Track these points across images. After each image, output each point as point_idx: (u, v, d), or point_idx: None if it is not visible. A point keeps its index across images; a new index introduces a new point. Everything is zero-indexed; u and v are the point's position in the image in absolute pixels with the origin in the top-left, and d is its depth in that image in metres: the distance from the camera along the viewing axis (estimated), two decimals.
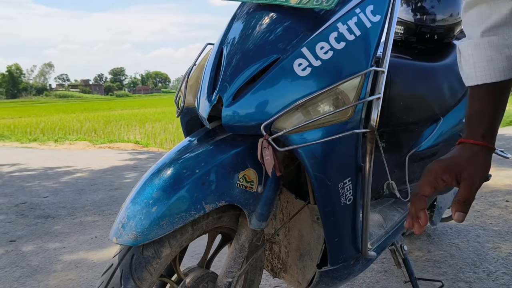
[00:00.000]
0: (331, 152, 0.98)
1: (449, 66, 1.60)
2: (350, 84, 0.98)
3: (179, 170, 0.92)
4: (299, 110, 0.95)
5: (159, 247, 0.89)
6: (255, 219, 1.00)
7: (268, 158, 0.93)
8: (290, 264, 1.26)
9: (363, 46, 1.00)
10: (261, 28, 1.04)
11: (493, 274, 1.74)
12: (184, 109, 1.17)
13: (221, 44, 1.11)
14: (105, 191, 3.41)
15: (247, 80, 0.98)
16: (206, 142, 1.03)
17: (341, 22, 0.99)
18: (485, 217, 2.42)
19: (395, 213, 1.48)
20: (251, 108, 0.96)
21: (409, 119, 1.49)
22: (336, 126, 0.97)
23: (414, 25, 1.69)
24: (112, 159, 5.19)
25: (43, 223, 2.64)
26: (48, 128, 12.34)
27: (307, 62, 0.96)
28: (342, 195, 1.03)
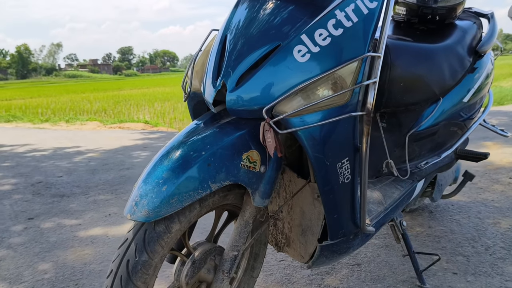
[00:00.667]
0: (329, 134, 1.04)
1: (450, 47, 1.63)
2: (347, 69, 1.03)
3: (186, 152, 0.99)
4: (299, 94, 1.01)
5: (170, 223, 0.97)
6: (259, 197, 1.08)
7: (270, 140, 1.00)
8: (293, 239, 1.34)
9: (360, 32, 1.05)
10: (262, 15, 1.09)
11: (490, 248, 1.81)
12: (191, 93, 1.23)
13: (225, 31, 1.16)
14: (117, 171, 3.51)
15: (249, 66, 1.04)
16: (212, 125, 1.10)
17: (339, 9, 1.04)
18: (487, 194, 2.47)
19: (395, 190, 1.54)
20: (254, 93, 1.02)
21: (409, 100, 1.53)
22: (334, 109, 1.03)
23: (416, 6, 1.72)
24: (123, 139, 5.29)
25: (59, 202, 2.75)
26: (59, 108, 12.48)
27: (306, 49, 1.01)
28: (341, 174, 1.10)
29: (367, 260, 1.77)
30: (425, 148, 1.66)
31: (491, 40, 1.79)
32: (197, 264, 1.10)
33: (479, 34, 1.82)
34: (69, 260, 1.89)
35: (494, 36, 1.83)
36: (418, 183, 1.60)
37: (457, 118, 1.69)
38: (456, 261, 1.72)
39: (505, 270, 1.63)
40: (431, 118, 1.61)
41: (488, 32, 1.82)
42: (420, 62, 1.53)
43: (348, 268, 1.71)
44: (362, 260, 1.78)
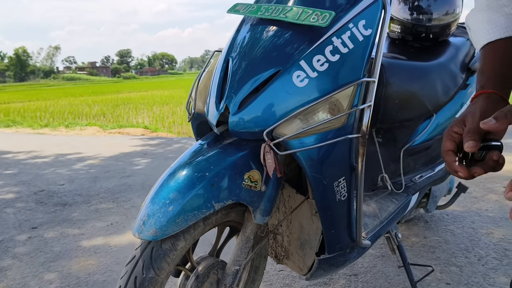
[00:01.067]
0: (326, 155, 1.09)
1: (443, 65, 1.69)
2: (344, 93, 1.08)
3: (191, 173, 1.04)
4: (298, 117, 1.06)
5: (175, 240, 1.02)
6: (259, 214, 1.13)
7: (269, 161, 1.05)
8: (292, 252, 1.39)
9: (356, 58, 1.10)
10: (263, 41, 1.15)
11: (483, 258, 1.87)
12: (195, 114, 1.29)
13: (227, 55, 1.21)
14: (118, 178, 3.56)
15: (251, 91, 1.09)
16: (215, 146, 1.15)
17: (336, 36, 1.09)
18: (482, 203, 2.53)
19: (390, 203, 1.60)
20: (255, 116, 1.08)
21: (403, 116, 1.59)
22: (331, 131, 1.08)
23: (411, 24, 1.78)
24: (123, 145, 5.34)
25: (61, 211, 2.80)
26: (58, 112, 12.54)
27: (305, 74, 1.07)
28: (337, 192, 1.15)
29: (364, 271, 1.83)
30: (419, 162, 1.72)
31: None
32: (200, 278, 1.15)
33: (472, 51, 1.88)
34: (74, 270, 1.94)
35: None
36: (412, 196, 1.66)
37: None
38: (449, 272, 1.77)
39: (496, 280, 1.68)
40: (425, 133, 1.67)
41: None
42: (414, 80, 1.59)
43: (345, 279, 1.77)
44: (359, 271, 1.83)
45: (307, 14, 1.10)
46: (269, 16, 1.15)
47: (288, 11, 1.13)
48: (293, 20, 1.10)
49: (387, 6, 1.13)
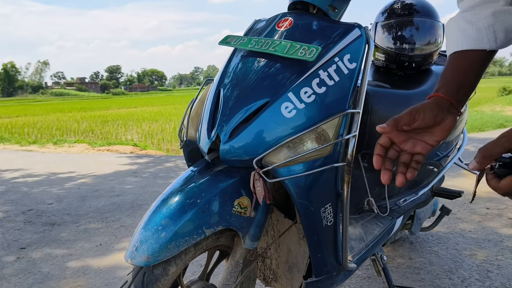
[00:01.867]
0: (313, 182, 1.14)
1: (425, 93, 1.76)
2: (330, 124, 1.13)
3: (183, 200, 1.08)
4: (286, 146, 1.11)
5: (167, 266, 1.05)
6: (249, 239, 1.17)
7: (259, 189, 1.10)
8: (280, 275, 1.43)
9: (341, 89, 1.16)
10: (253, 73, 1.20)
11: (466, 280, 1.91)
12: (186, 141, 1.33)
13: (218, 85, 1.27)
14: (107, 198, 3.56)
15: (241, 120, 1.14)
16: (206, 173, 1.19)
17: (322, 69, 1.15)
18: (465, 225, 2.59)
19: (375, 227, 1.64)
20: (245, 144, 1.12)
21: None
22: (318, 160, 1.13)
23: (394, 53, 1.85)
24: (112, 163, 5.34)
25: (50, 231, 2.79)
26: (46, 127, 12.47)
27: (292, 105, 1.12)
28: (324, 218, 1.20)
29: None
30: (404, 186, 1.77)
31: None
32: None
33: None
34: None
35: None
36: (397, 220, 1.71)
37: (433, 157, 1.81)
38: None
39: None
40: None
41: None
42: (397, 107, 1.65)
43: None
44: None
45: (295, 49, 1.16)
46: (259, 49, 1.21)
47: (277, 45, 1.19)
48: (281, 54, 1.16)
49: (370, 41, 1.20)
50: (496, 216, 2.73)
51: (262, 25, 1.34)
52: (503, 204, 2.96)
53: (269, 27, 1.30)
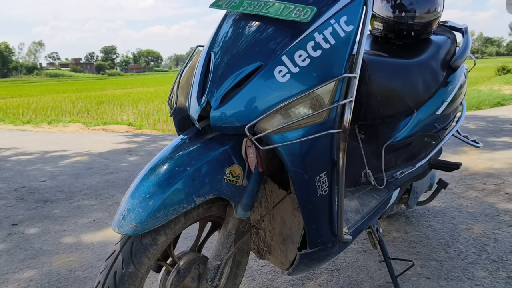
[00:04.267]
0: (308, 150, 1.10)
1: (424, 62, 1.71)
2: (325, 88, 1.09)
3: (172, 168, 1.04)
4: (279, 112, 1.06)
5: (156, 235, 1.02)
6: (241, 209, 1.13)
7: (251, 156, 1.05)
8: (274, 247, 1.40)
9: (337, 53, 1.11)
10: (245, 36, 1.15)
11: (463, 253, 1.90)
12: (176, 109, 1.28)
13: (209, 50, 1.21)
14: (101, 175, 3.52)
15: (232, 85, 1.09)
16: (196, 140, 1.15)
17: (318, 32, 1.10)
18: (462, 200, 2.57)
19: (372, 199, 1.61)
20: (236, 111, 1.08)
21: (385, 112, 1.61)
22: (312, 126, 1.09)
23: (393, 22, 1.79)
24: (107, 142, 5.29)
25: (43, 207, 2.76)
26: (41, 108, 12.36)
27: (286, 69, 1.07)
28: (319, 187, 1.16)
29: (346, 265, 1.84)
30: (401, 158, 1.73)
31: (464, 55, 1.87)
32: (181, 273, 1.15)
33: (453, 49, 1.91)
34: (54, 267, 1.92)
35: (468, 51, 1.91)
36: (393, 192, 1.68)
37: (431, 129, 1.77)
38: (429, 266, 1.80)
39: (475, 274, 1.72)
40: (406, 129, 1.68)
41: (462, 47, 1.91)
42: (395, 77, 1.60)
43: (327, 273, 1.78)
44: (341, 265, 1.84)
45: (289, 10, 1.10)
46: (251, 11, 1.15)
47: (270, 6, 1.13)
48: (275, 16, 1.11)
49: (368, 3, 1.14)
50: (493, 191, 2.71)
51: None
52: (500, 179, 2.94)
53: None
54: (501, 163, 3.33)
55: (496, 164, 3.33)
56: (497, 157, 3.56)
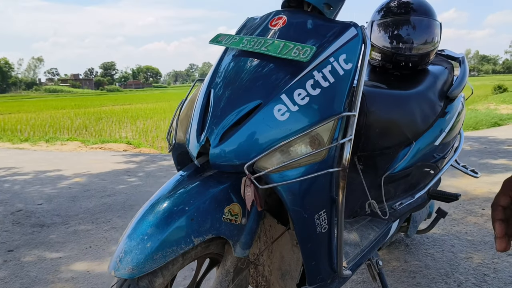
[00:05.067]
0: (307, 188, 1.09)
1: (422, 93, 1.72)
2: (324, 127, 1.09)
3: (171, 207, 1.03)
4: (278, 151, 1.06)
5: (153, 277, 1.00)
6: (239, 248, 1.12)
7: (249, 194, 1.05)
8: (273, 282, 1.38)
9: (336, 91, 1.11)
10: (245, 73, 1.15)
11: (463, 284, 1.88)
12: (175, 144, 1.28)
13: (208, 86, 1.21)
14: (98, 198, 3.50)
15: (232, 123, 1.09)
16: (195, 178, 1.14)
17: (317, 70, 1.10)
18: (461, 226, 2.56)
19: (371, 231, 1.60)
20: (236, 149, 1.07)
21: (384, 144, 1.61)
22: (312, 165, 1.08)
23: (391, 53, 1.81)
24: (105, 162, 5.27)
25: (39, 232, 2.73)
26: (39, 125, 12.36)
27: (286, 108, 1.07)
28: (318, 225, 1.15)
29: None
30: (400, 189, 1.73)
31: (461, 85, 1.89)
32: None
33: (450, 79, 1.92)
34: None
35: (465, 81, 1.93)
36: (393, 224, 1.67)
37: (429, 159, 1.77)
38: None
39: None
40: (405, 160, 1.68)
41: (459, 77, 1.93)
42: (393, 108, 1.61)
43: None
44: None
45: (289, 48, 1.11)
46: (251, 48, 1.16)
47: (270, 44, 1.14)
48: (274, 54, 1.11)
49: (366, 40, 1.15)
50: (491, 217, 2.69)
51: (255, 23, 1.29)
52: None
53: (262, 25, 1.25)
54: (499, 187, 3.32)
55: (494, 188, 3.32)
56: (495, 181, 3.56)
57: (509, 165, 4.17)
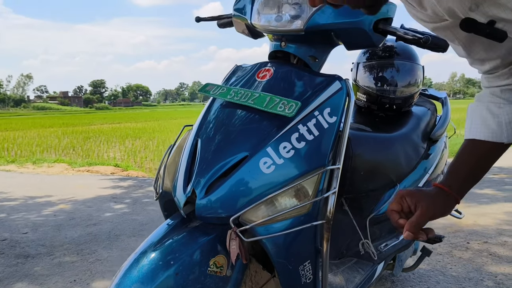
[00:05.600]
0: (292, 240, 1.11)
1: (406, 136, 1.76)
2: (309, 180, 1.11)
3: (156, 261, 1.03)
4: (264, 204, 1.08)
5: None
6: None
7: (234, 247, 1.06)
8: None
9: (321, 144, 1.14)
10: (232, 125, 1.18)
11: None
12: (162, 193, 1.29)
13: (196, 136, 1.23)
14: (83, 227, 3.46)
15: (218, 175, 1.11)
16: (181, 229, 1.15)
17: (302, 123, 1.13)
18: (446, 261, 2.58)
19: (356, 274, 1.61)
20: (222, 201, 1.09)
21: (368, 186, 1.64)
22: (297, 218, 1.10)
23: (376, 95, 1.85)
24: (92, 186, 5.23)
25: (23, 264, 2.69)
26: (26, 143, 12.25)
27: (271, 161, 1.10)
28: (303, 275, 1.16)
29: None
30: (385, 230, 1.75)
31: (443, 126, 1.94)
32: None
33: (433, 120, 1.97)
34: None
35: (447, 122, 1.98)
36: (378, 265, 1.68)
37: None
38: None
39: None
40: (389, 202, 1.71)
41: (442, 119, 1.98)
42: (378, 151, 1.64)
43: None
44: None
45: (274, 103, 1.14)
46: (237, 100, 1.19)
47: (256, 98, 1.16)
48: (260, 107, 1.14)
49: (350, 94, 1.19)
50: (476, 251, 2.73)
51: (242, 74, 1.32)
52: (484, 237, 2.97)
53: (248, 76, 1.29)
54: (485, 218, 3.37)
55: (479, 220, 3.36)
56: (480, 212, 3.60)
57: (495, 195, 4.23)
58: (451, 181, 0.92)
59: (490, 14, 0.67)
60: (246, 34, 1.46)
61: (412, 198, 0.90)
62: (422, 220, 0.88)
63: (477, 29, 0.69)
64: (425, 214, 0.87)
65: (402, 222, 0.90)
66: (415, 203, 0.89)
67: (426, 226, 0.91)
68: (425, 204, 0.88)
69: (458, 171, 0.92)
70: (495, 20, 0.68)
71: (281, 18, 1.24)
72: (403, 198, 0.91)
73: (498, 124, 0.87)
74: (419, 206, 0.88)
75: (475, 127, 0.91)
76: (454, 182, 0.91)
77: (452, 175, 0.93)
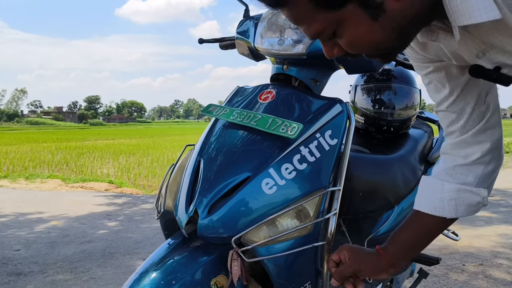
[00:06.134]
0: (293, 261, 1.12)
1: (403, 158, 1.78)
2: (310, 201, 1.12)
3: (157, 282, 1.03)
4: (265, 224, 1.09)
5: None
6: None
7: (236, 268, 1.06)
8: None
9: (322, 166, 1.16)
10: (234, 146, 1.19)
11: None
12: (164, 212, 1.29)
13: (198, 155, 1.25)
14: (77, 244, 3.43)
15: (220, 195, 1.12)
16: (183, 248, 1.15)
17: (304, 145, 1.15)
18: (442, 283, 2.58)
19: None
20: (224, 221, 1.09)
21: (367, 207, 1.65)
22: (298, 239, 1.11)
23: (373, 117, 1.88)
24: (85, 203, 5.20)
25: (15, 282, 2.65)
26: (19, 158, 12.16)
27: (273, 182, 1.11)
28: None
29: None
30: None
31: (440, 149, 1.96)
32: None
33: (430, 142, 2.00)
34: None
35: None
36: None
37: None
38: None
39: None
40: (387, 224, 1.72)
41: (438, 141, 2.01)
42: (376, 173, 1.66)
43: None
44: None
45: (277, 124, 1.16)
46: (240, 122, 1.20)
47: (259, 119, 1.18)
48: (263, 129, 1.16)
49: (351, 116, 1.21)
50: (472, 273, 2.73)
51: (244, 95, 1.34)
52: (479, 259, 2.98)
53: (250, 98, 1.31)
54: (480, 240, 3.39)
55: (474, 242, 3.38)
56: (475, 234, 3.62)
57: (489, 217, 4.25)
58: (388, 244, 1.05)
59: (496, 60, 0.71)
60: (248, 56, 1.48)
61: (348, 252, 1.05)
62: (346, 271, 1.04)
63: (485, 74, 0.73)
64: (350, 268, 1.03)
65: (333, 270, 1.06)
66: (349, 257, 1.04)
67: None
68: (354, 259, 1.03)
69: (398, 236, 1.05)
70: (501, 66, 0.72)
71: (284, 42, 1.27)
72: (342, 251, 1.07)
73: (440, 200, 0.96)
74: (349, 260, 1.04)
75: (420, 199, 1.03)
76: (391, 246, 1.04)
77: (392, 239, 1.06)
